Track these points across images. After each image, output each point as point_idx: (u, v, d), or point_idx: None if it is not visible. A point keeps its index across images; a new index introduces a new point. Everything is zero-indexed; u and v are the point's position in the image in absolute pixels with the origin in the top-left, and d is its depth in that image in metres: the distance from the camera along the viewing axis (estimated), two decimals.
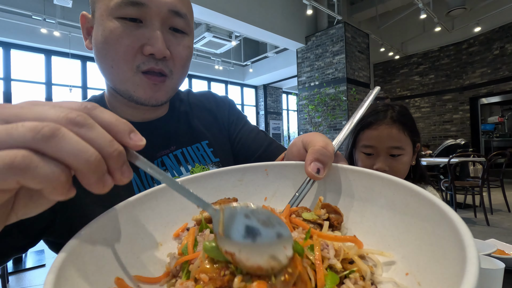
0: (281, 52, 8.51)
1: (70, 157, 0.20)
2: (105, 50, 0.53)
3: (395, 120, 0.93)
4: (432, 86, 8.41)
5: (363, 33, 7.15)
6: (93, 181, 0.22)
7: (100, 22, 0.53)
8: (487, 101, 7.81)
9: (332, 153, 0.37)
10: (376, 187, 0.33)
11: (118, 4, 0.51)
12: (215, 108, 0.78)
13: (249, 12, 5.80)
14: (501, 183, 4.31)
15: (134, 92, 0.55)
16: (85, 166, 0.21)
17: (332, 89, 6.71)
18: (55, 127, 0.20)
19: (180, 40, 0.57)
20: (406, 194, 0.29)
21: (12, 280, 2.58)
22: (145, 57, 0.53)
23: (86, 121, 0.22)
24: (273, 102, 10.84)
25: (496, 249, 0.62)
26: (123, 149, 0.24)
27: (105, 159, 0.23)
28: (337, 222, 0.31)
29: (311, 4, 5.45)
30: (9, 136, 0.19)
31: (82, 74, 7.01)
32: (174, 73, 0.58)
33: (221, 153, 0.70)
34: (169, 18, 0.54)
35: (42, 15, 5.66)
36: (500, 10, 6.52)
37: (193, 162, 0.65)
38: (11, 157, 0.18)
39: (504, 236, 3.28)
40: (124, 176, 0.24)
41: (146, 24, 0.53)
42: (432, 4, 6.37)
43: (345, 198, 0.35)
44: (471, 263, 0.18)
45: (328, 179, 0.37)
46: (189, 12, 0.58)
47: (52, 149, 0.20)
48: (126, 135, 0.25)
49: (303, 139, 0.41)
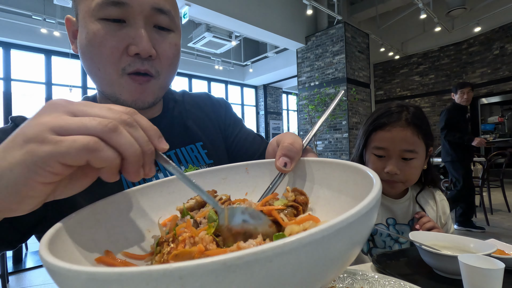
0: (281, 52, 8.51)
1: (125, 147, 0.26)
2: (90, 53, 0.52)
3: (410, 122, 0.89)
4: (432, 86, 8.41)
5: (363, 33, 7.15)
6: (134, 170, 0.28)
7: (83, 25, 0.52)
8: (487, 101, 7.81)
9: (299, 149, 0.42)
10: (330, 172, 0.40)
11: (99, 5, 0.50)
12: (211, 109, 0.77)
13: (249, 12, 5.81)
14: (501, 183, 4.31)
15: (120, 95, 0.54)
16: (132, 156, 0.27)
17: (332, 89, 6.72)
18: (116, 124, 0.26)
19: (165, 37, 0.56)
20: (349, 172, 0.36)
21: (12, 280, 2.58)
22: (130, 58, 0.52)
23: (133, 123, 0.28)
24: (273, 102, 10.84)
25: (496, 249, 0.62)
26: (154, 149, 0.30)
27: (143, 155, 0.28)
28: (304, 202, 0.37)
29: (311, 4, 5.45)
30: (84, 126, 0.25)
31: (82, 74, 7.00)
32: (161, 73, 0.57)
33: (215, 155, 0.70)
34: (153, 16, 0.53)
35: (42, 15, 5.66)
36: (500, 10, 6.52)
37: (187, 163, 0.65)
38: (88, 141, 0.24)
39: (504, 236, 3.28)
40: (151, 171, 0.30)
41: (129, 23, 0.51)
42: (432, 4, 6.37)
43: (308, 184, 0.42)
44: (376, 180, 0.27)
45: (297, 171, 0.44)
46: (173, 8, 0.57)
47: (113, 140, 0.26)
48: (156, 138, 0.31)
49: (277, 139, 0.46)
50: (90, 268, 0.17)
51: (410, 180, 0.91)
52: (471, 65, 7.70)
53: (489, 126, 8.26)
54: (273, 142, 0.48)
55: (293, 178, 0.44)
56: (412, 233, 0.73)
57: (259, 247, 0.16)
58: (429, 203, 1.00)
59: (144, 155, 0.28)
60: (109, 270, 0.16)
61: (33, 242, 3.40)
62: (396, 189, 0.92)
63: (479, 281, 0.47)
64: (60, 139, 0.24)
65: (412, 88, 8.77)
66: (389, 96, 9.18)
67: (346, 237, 0.19)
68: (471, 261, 0.49)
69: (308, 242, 0.17)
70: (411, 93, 8.78)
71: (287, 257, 0.16)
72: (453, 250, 0.68)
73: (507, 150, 4.51)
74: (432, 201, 1.01)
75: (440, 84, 8.28)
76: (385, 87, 9.32)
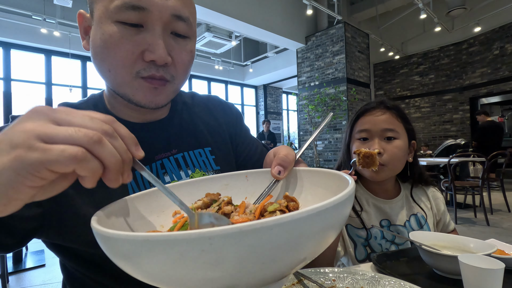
0: (281, 52, 8.51)
1: (108, 159, 0.28)
2: (104, 54, 0.51)
3: (389, 107, 0.96)
4: (432, 86, 8.41)
5: (363, 33, 7.15)
6: (115, 177, 0.30)
7: (98, 25, 0.51)
8: (487, 101, 7.81)
9: (292, 159, 0.48)
10: (317, 179, 0.46)
11: (118, 8, 0.49)
12: (222, 115, 0.77)
13: (249, 12, 5.80)
14: (501, 183, 4.31)
15: (133, 95, 0.53)
16: (113, 165, 0.29)
17: (332, 89, 6.71)
18: (100, 136, 0.28)
19: (182, 45, 0.56)
20: (331, 177, 0.42)
21: (12, 280, 2.58)
22: (145, 63, 0.51)
23: (114, 133, 0.30)
24: (273, 102, 10.84)
25: (496, 249, 0.62)
26: (132, 157, 0.32)
27: (122, 163, 0.30)
28: (294, 208, 0.42)
29: (311, 4, 5.45)
30: (71, 137, 0.27)
31: (82, 74, 7.01)
32: (176, 78, 0.56)
33: (223, 162, 0.70)
34: (171, 23, 0.52)
35: (42, 15, 5.65)
36: (500, 10, 6.53)
37: (194, 167, 0.64)
38: (76, 151, 0.26)
39: (504, 236, 3.28)
40: (129, 177, 0.33)
41: (147, 29, 0.51)
42: (432, 4, 6.38)
43: (298, 189, 0.49)
44: (350, 180, 0.35)
45: (289, 178, 0.50)
46: (191, 15, 0.57)
47: (97, 151, 0.28)
48: (133, 146, 0.33)
49: (274, 151, 0.52)
50: (143, 234, 0.22)
51: (393, 163, 0.91)
52: (471, 65, 7.70)
53: None
54: (270, 154, 0.53)
55: (286, 184, 0.51)
56: (412, 233, 0.73)
57: (262, 220, 0.22)
58: (422, 200, 1.00)
59: (123, 163, 0.31)
60: (158, 234, 0.22)
61: (33, 242, 3.40)
62: (381, 173, 0.91)
63: (479, 281, 0.47)
64: (49, 148, 0.25)
65: (412, 88, 8.77)
66: (389, 96, 9.18)
67: (318, 220, 0.25)
68: (471, 261, 0.49)
69: (289, 221, 0.23)
70: (411, 93, 8.79)
71: (278, 228, 0.23)
72: (453, 250, 0.68)
73: (507, 150, 4.50)
74: (425, 197, 1.02)
75: (440, 84, 8.28)
76: (385, 87, 9.32)
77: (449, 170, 3.82)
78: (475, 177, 4.53)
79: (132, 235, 0.23)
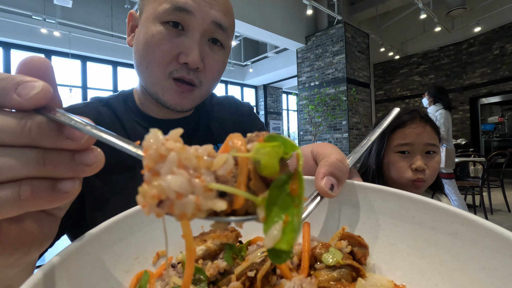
0: (281, 52, 8.50)
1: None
2: (144, 52, 0.55)
3: (427, 120, 0.94)
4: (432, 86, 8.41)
5: (363, 33, 7.15)
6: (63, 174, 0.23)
7: (145, 24, 0.56)
8: (487, 101, 7.81)
9: (348, 168, 0.32)
10: (403, 209, 0.27)
11: (166, 10, 0.53)
12: (235, 112, 0.81)
13: (249, 12, 5.80)
14: (501, 183, 4.30)
15: (162, 95, 0.57)
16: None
17: (332, 89, 6.71)
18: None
19: (216, 53, 0.59)
20: (427, 211, 0.25)
21: None
22: (179, 65, 0.55)
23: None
24: (273, 102, 10.84)
25: None
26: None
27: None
28: (364, 258, 0.26)
29: (311, 4, 5.45)
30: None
31: (82, 74, 7.00)
32: (204, 84, 0.60)
33: None
34: (211, 29, 0.57)
35: (42, 15, 5.65)
36: (500, 10, 6.52)
37: None
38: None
39: None
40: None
41: (187, 32, 0.55)
42: (432, 4, 6.37)
43: (365, 222, 0.29)
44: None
45: (341, 198, 0.32)
46: (230, 26, 0.60)
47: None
48: (13, 91, 0.21)
49: (312, 149, 0.37)
50: None
51: (431, 179, 0.92)
52: (471, 65, 7.70)
53: (489, 126, 8.25)
54: (306, 153, 0.38)
55: (338, 209, 0.32)
56: None
57: None
58: None
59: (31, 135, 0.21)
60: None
61: None
62: (421, 189, 0.91)
63: None
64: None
65: (412, 88, 8.77)
66: (389, 96, 9.18)
67: None
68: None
69: None
70: (411, 93, 8.78)
71: None
72: None
73: (507, 150, 4.50)
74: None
75: (440, 84, 8.28)
76: (385, 87, 9.32)
77: None
78: (475, 177, 4.53)
79: None
